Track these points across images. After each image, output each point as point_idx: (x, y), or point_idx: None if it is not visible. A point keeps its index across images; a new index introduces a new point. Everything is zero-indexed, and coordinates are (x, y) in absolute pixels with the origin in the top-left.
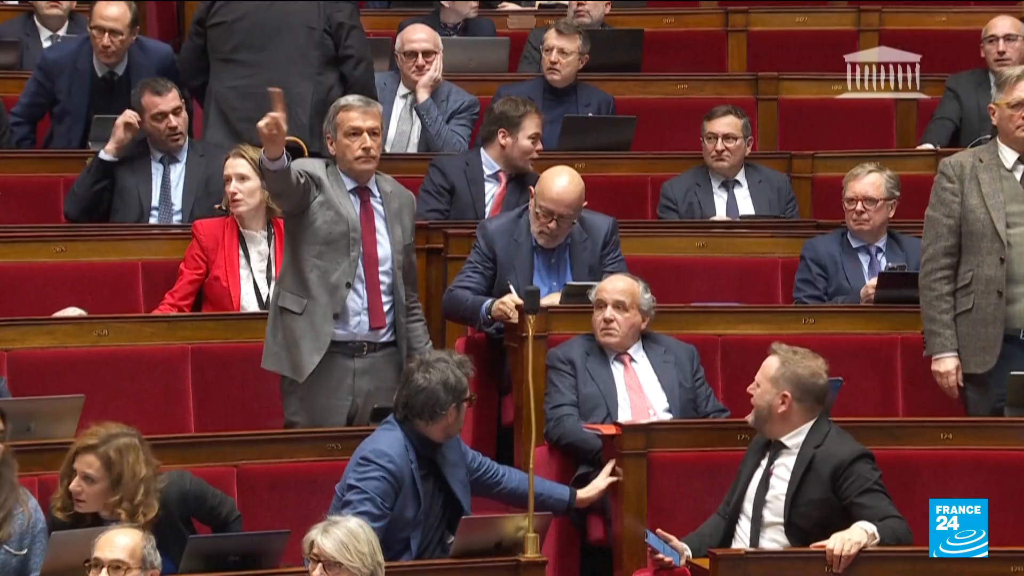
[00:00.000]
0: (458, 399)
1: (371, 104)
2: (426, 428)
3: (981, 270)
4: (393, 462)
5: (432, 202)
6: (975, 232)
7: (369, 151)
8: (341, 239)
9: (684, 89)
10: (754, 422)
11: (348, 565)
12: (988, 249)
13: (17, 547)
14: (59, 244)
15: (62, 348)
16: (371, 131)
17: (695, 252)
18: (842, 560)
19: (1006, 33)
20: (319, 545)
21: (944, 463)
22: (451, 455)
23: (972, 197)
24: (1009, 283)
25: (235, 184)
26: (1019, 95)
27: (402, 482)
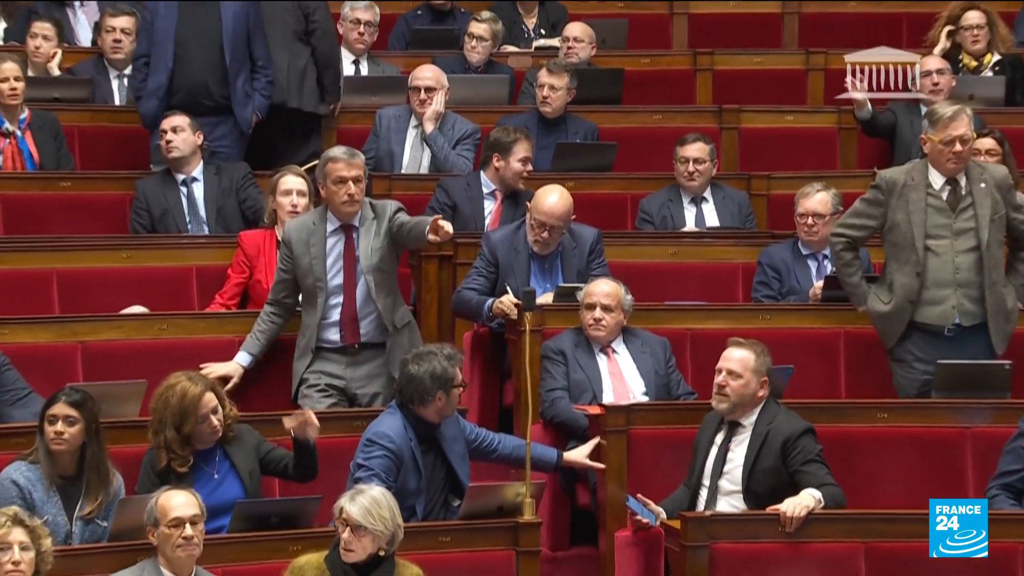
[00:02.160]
0: (445, 387)
1: (355, 155)
2: (421, 411)
3: (899, 277)
4: (393, 441)
5: (435, 214)
6: (898, 243)
7: (353, 196)
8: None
9: (658, 119)
10: (729, 409)
11: (372, 528)
12: (906, 259)
13: (104, 518)
14: (125, 252)
15: (128, 340)
16: (355, 179)
17: (668, 258)
18: (793, 521)
19: (936, 69)
20: (347, 511)
21: (880, 438)
22: (449, 432)
23: (898, 212)
24: (934, 288)
25: (295, 198)
26: (951, 134)
27: (402, 458)
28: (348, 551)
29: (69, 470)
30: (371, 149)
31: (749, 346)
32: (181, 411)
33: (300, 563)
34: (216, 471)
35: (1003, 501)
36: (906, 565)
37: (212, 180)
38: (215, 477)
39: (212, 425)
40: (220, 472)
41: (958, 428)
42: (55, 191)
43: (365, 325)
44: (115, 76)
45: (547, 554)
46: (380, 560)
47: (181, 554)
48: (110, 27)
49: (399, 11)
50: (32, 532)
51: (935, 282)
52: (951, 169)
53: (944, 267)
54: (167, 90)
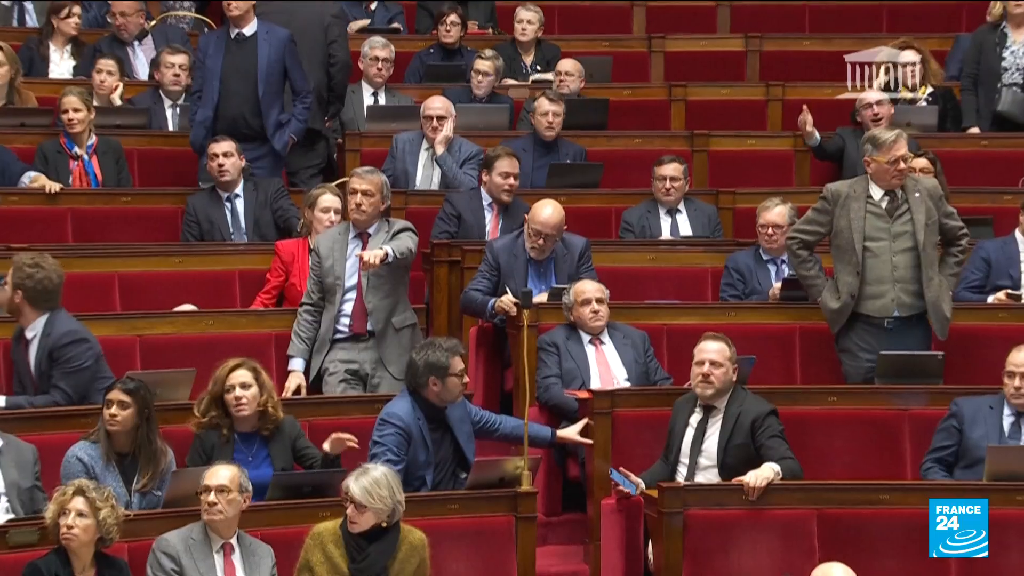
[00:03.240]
0: (438, 373)
1: (372, 173)
2: (424, 394)
3: (843, 276)
4: (402, 420)
5: (443, 226)
6: (841, 246)
7: (360, 206)
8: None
9: (638, 143)
10: (713, 394)
11: (371, 506)
12: (848, 261)
13: (159, 488)
14: (177, 258)
15: (179, 334)
16: (364, 192)
17: (647, 263)
18: (755, 491)
19: (876, 100)
20: (351, 490)
21: (831, 419)
22: (456, 414)
23: (841, 220)
24: (875, 284)
25: (332, 215)
26: (895, 155)
27: (411, 435)
28: (352, 523)
29: (125, 448)
30: (389, 169)
31: (722, 339)
32: (216, 378)
33: (319, 529)
34: (251, 456)
35: (936, 472)
36: (852, 528)
37: (251, 195)
38: (249, 460)
39: (236, 396)
40: (257, 458)
41: (897, 410)
42: (117, 205)
43: (371, 317)
44: (169, 106)
45: (542, 519)
46: (385, 529)
47: (206, 517)
48: (169, 63)
49: (415, 49)
50: (92, 502)
51: (876, 279)
52: (894, 184)
53: (883, 266)
54: (212, 120)
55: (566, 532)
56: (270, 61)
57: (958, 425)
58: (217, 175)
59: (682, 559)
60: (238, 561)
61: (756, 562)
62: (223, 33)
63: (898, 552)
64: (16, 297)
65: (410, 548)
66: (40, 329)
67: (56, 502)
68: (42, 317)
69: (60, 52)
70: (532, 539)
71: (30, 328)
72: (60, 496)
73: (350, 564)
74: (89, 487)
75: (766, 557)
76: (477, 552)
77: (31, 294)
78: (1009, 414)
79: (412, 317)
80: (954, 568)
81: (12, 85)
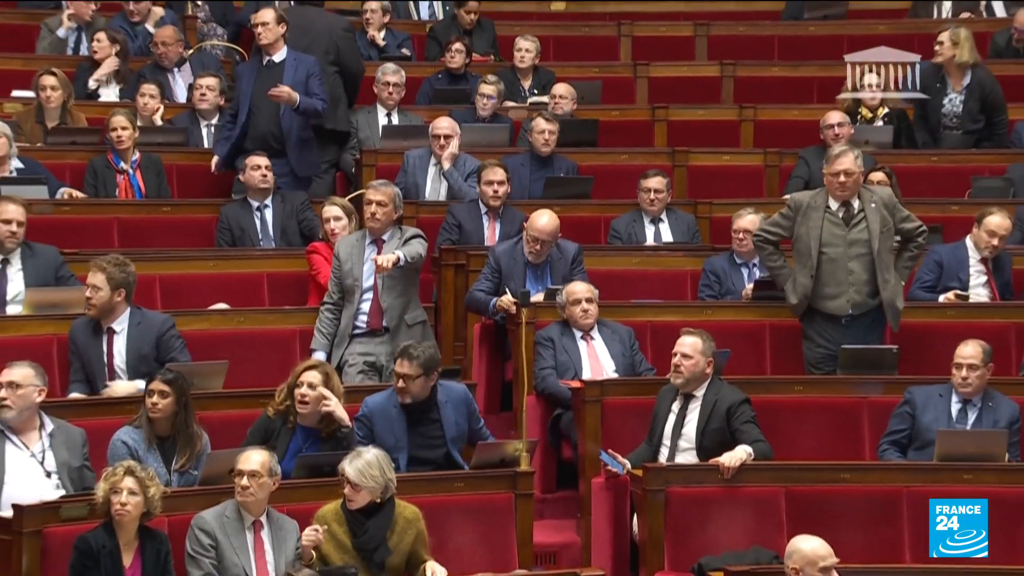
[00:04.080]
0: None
1: (386, 186)
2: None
3: (800, 278)
4: (368, 410)
5: (446, 234)
6: (800, 251)
7: (374, 215)
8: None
9: (625, 158)
10: (684, 383)
11: (365, 485)
12: (805, 264)
13: (195, 468)
14: (212, 261)
15: (214, 330)
16: (378, 203)
17: (633, 266)
18: (730, 470)
19: (837, 122)
20: (346, 472)
21: (797, 405)
22: (449, 413)
23: (801, 228)
24: (832, 285)
25: (333, 223)
26: (835, 168)
27: (373, 422)
28: (350, 501)
29: (164, 432)
30: (401, 182)
31: (697, 334)
32: (294, 372)
33: (322, 512)
34: (304, 448)
35: (891, 453)
36: (817, 504)
37: (279, 206)
38: (300, 451)
39: (301, 393)
40: (308, 451)
41: (857, 398)
42: (158, 215)
43: (387, 314)
44: (204, 125)
45: (538, 496)
46: (380, 505)
47: (239, 499)
48: (200, 85)
49: (424, 74)
50: (141, 481)
51: (833, 281)
52: (838, 196)
53: (840, 270)
54: (238, 138)
55: (560, 507)
56: (295, 83)
57: (911, 411)
58: (259, 183)
59: (664, 532)
60: (267, 536)
61: (730, 534)
62: (256, 60)
63: (858, 525)
64: (117, 296)
65: (406, 522)
66: (127, 321)
67: (107, 481)
68: (127, 310)
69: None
70: (529, 514)
71: (117, 322)
72: (111, 476)
73: (353, 539)
74: (137, 468)
75: (739, 530)
76: (480, 525)
77: (129, 291)
78: (956, 401)
79: (422, 315)
80: (907, 540)
81: (65, 107)
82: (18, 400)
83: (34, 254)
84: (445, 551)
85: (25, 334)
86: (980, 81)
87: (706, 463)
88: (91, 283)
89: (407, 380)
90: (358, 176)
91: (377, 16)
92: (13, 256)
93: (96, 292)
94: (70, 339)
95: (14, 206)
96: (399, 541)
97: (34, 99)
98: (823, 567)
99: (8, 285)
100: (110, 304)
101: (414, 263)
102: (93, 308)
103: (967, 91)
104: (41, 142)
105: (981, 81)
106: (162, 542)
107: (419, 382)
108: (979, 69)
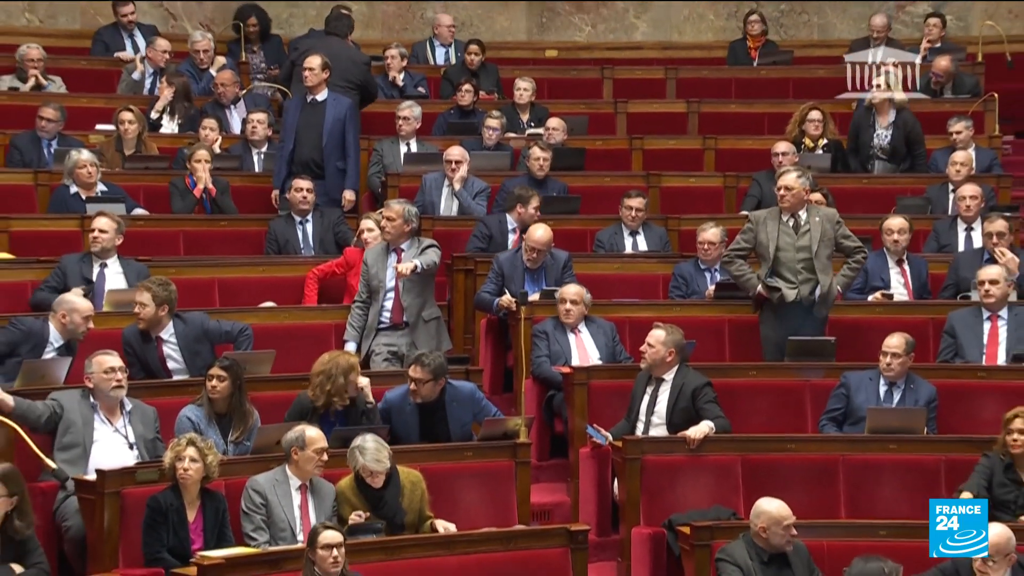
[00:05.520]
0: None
1: (398, 203)
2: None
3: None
4: (387, 401)
5: (476, 242)
6: (761, 254)
7: (384, 228)
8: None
9: (608, 181)
10: (648, 367)
11: (380, 468)
12: (763, 267)
13: (248, 440)
14: (261, 267)
15: (263, 324)
16: (387, 218)
17: (614, 271)
18: (695, 441)
19: (783, 151)
20: (367, 466)
21: (752, 387)
22: (455, 412)
23: (761, 235)
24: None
25: (367, 234)
26: (780, 183)
27: (390, 411)
28: (374, 482)
29: (222, 410)
30: (419, 200)
31: (664, 328)
32: (348, 367)
33: (341, 487)
34: (336, 424)
35: (830, 428)
36: (767, 470)
37: (318, 220)
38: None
39: (356, 386)
40: (337, 424)
41: (801, 381)
42: (216, 228)
43: (407, 311)
44: (256, 153)
45: (535, 464)
46: (388, 476)
47: (316, 471)
48: (251, 119)
49: (439, 110)
50: (200, 451)
51: (783, 277)
52: (783, 208)
53: (788, 269)
54: (288, 162)
55: (553, 473)
56: (334, 120)
57: (846, 392)
58: (300, 203)
59: (640, 493)
60: (310, 497)
61: (695, 495)
62: (301, 98)
63: (802, 487)
64: (162, 310)
65: (412, 485)
66: (172, 328)
67: (172, 450)
68: (171, 320)
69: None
70: (527, 478)
71: (164, 331)
72: (176, 446)
73: (374, 511)
74: (198, 439)
75: (703, 491)
76: (486, 488)
77: (172, 306)
78: (883, 384)
79: (437, 312)
80: (843, 500)
81: (140, 138)
82: (125, 382)
83: (129, 264)
84: (456, 510)
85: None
86: (904, 120)
87: (675, 436)
88: (139, 300)
89: (419, 383)
90: (384, 195)
91: (396, 60)
92: (111, 261)
93: (143, 308)
94: (124, 343)
95: (105, 219)
96: (410, 502)
97: (114, 131)
98: (786, 525)
99: (105, 285)
100: (156, 318)
101: (429, 269)
102: (143, 321)
103: (893, 127)
104: (120, 167)
105: (905, 120)
106: (220, 501)
107: (429, 385)
108: (904, 111)
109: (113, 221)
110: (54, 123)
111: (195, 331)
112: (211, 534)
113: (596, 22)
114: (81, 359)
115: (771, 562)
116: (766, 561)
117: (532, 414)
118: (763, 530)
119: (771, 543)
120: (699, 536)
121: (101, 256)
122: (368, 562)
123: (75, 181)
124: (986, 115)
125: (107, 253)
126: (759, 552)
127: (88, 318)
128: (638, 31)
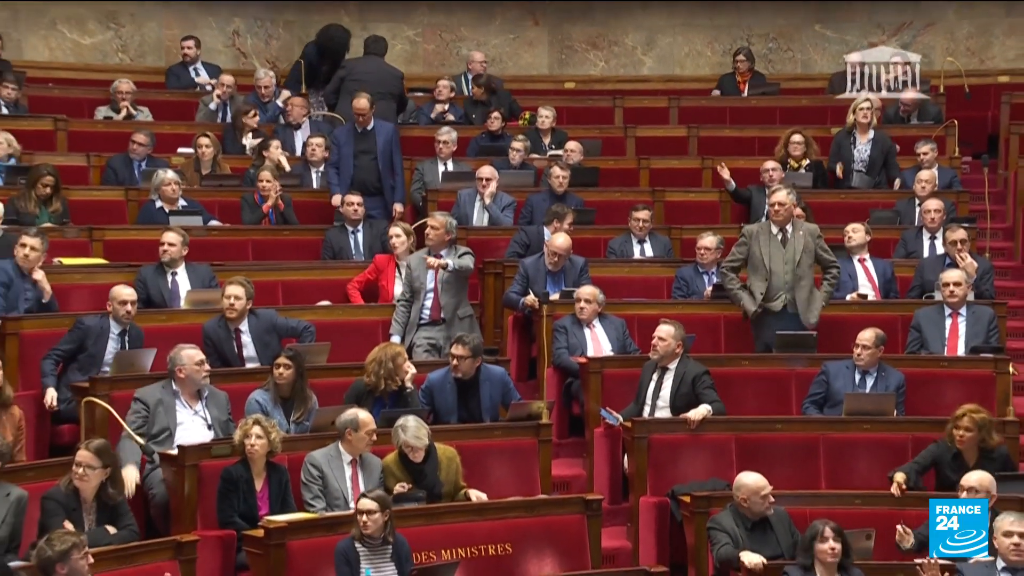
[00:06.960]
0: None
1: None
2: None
3: (755, 284)
4: (431, 382)
5: (515, 247)
6: (755, 265)
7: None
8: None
9: (618, 195)
10: (659, 358)
11: (420, 444)
12: (759, 273)
13: (308, 420)
14: (319, 271)
15: (320, 320)
16: (432, 227)
17: (625, 274)
18: (694, 422)
19: (772, 167)
20: (409, 442)
21: (744, 376)
22: (487, 389)
23: (754, 247)
24: (772, 290)
25: (395, 239)
26: (772, 199)
27: (433, 393)
28: (415, 457)
29: (286, 394)
30: (455, 213)
31: (671, 324)
32: (395, 353)
33: (386, 462)
34: (387, 406)
35: (812, 410)
36: (758, 448)
37: (367, 231)
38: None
39: (403, 369)
40: (388, 406)
41: (787, 370)
42: (280, 237)
43: (444, 309)
44: (314, 171)
45: (555, 441)
46: (427, 453)
47: (366, 448)
48: (311, 142)
49: (472, 134)
50: (265, 429)
51: (773, 286)
52: (775, 221)
53: (779, 278)
54: (348, 182)
55: (571, 450)
56: (383, 144)
57: (826, 379)
58: (352, 215)
59: (647, 467)
60: (360, 470)
61: (695, 469)
62: (351, 127)
63: (788, 463)
64: (249, 303)
65: (448, 460)
66: (247, 323)
67: (241, 429)
68: (247, 315)
69: (245, 138)
70: (548, 454)
71: (242, 324)
72: (244, 425)
73: (414, 483)
74: (263, 419)
75: (701, 466)
76: (512, 462)
77: (251, 300)
78: (858, 372)
79: (470, 310)
80: (823, 473)
81: (215, 160)
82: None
83: (194, 268)
84: (487, 481)
85: (187, 323)
86: (880, 137)
87: (677, 418)
88: (233, 294)
89: (460, 360)
90: (424, 208)
91: (445, 91)
92: (180, 269)
93: (238, 300)
94: (204, 336)
95: (172, 234)
96: (446, 474)
97: (193, 154)
98: (763, 494)
99: (179, 289)
100: (245, 310)
101: (463, 272)
102: (235, 312)
103: (871, 143)
104: (198, 185)
105: (881, 137)
106: (283, 473)
107: (468, 362)
108: (879, 131)
109: (179, 235)
110: (145, 147)
111: (266, 325)
112: (276, 501)
113: (609, 58)
114: (163, 351)
115: (755, 528)
116: (750, 528)
117: (553, 398)
118: (744, 500)
119: (753, 511)
120: (698, 504)
121: (171, 266)
122: (411, 526)
123: (160, 197)
124: (947, 139)
125: (175, 263)
126: (744, 519)
127: (125, 303)
128: (645, 66)
